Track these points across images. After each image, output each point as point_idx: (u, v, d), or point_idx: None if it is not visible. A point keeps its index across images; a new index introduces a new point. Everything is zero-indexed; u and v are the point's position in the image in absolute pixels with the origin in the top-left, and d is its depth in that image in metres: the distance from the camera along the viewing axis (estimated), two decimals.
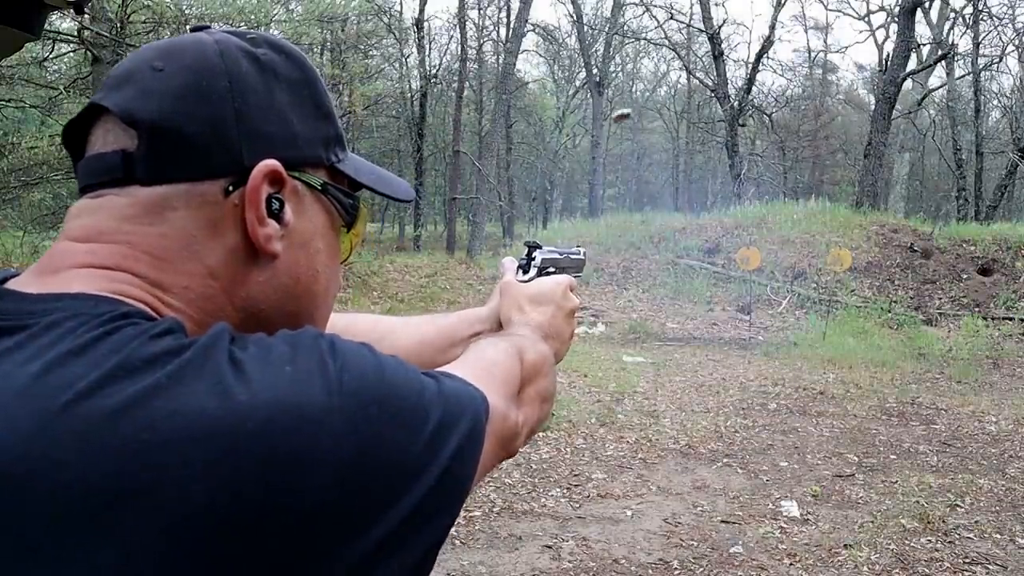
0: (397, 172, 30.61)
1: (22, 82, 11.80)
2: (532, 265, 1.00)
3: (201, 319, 0.55)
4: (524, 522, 4.48)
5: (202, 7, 10.95)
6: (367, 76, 22.71)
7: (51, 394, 0.44)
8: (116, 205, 0.56)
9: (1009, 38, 23.97)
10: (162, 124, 0.55)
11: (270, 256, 0.58)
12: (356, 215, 0.66)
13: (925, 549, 4.18)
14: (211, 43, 0.58)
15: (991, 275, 13.90)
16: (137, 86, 0.56)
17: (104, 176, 0.56)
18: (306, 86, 0.62)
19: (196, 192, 0.56)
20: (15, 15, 2.25)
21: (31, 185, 10.69)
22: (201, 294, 0.56)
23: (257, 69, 0.59)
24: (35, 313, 0.50)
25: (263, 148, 0.57)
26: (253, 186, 0.56)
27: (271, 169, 0.57)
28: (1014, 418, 7.09)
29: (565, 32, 33.67)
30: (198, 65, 0.57)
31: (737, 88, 24.62)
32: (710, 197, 36.72)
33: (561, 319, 0.92)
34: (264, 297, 0.59)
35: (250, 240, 0.57)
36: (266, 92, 0.58)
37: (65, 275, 0.54)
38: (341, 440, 0.47)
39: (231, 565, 0.44)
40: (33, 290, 0.52)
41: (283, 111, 0.59)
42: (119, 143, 0.56)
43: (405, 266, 16.12)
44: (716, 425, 6.63)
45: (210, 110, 0.56)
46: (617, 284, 14.94)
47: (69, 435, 0.43)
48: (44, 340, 0.47)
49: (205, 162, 0.56)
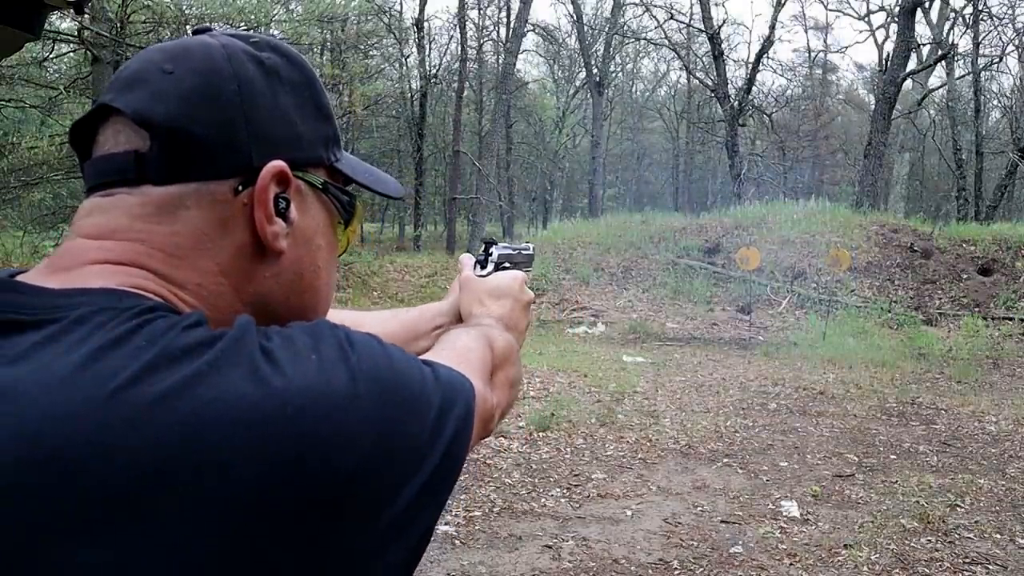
0: (397, 172, 30.71)
1: (22, 82, 11.80)
2: (489, 260, 1.01)
3: (214, 315, 0.56)
4: (524, 522, 4.48)
5: (202, 7, 10.95)
6: (367, 76, 22.70)
7: (97, 383, 0.46)
8: (129, 204, 0.57)
9: (1009, 38, 23.99)
10: (174, 126, 0.57)
11: (277, 253, 0.60)
12: (353, 212, 0.68)
13: (925, 549, 4.18)
14: (218, 47, 0.60)
15: (991, 275, 13.90)
16: (148, 88, 0.58)
17: (116, 175, 0.58)
18: (307, 88, 0.64)
19: (207, 191, 0.58)
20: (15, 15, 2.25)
21: (31, 185, 10.69)
22: (213, 291, 0.58)
23: (262, 72, 0.60)
24: (60, 307, 0.51)
25: (270, 149, 0.59)
26: (262, 186, 0.58)
27: (279, 170, 0.59)
28: (1014, 418, 7.09)
29: (565, 32, 33.73)
30: (207, 68, 0.58)
31: (737, 88, 24.62)
32: (710, 197, 36.73)
33: (519, 311, 0.96)
34: (270, 292, 0.61)
35: (257, 238, 0.59)
36: (271, 95, 0.60)
37: (81, 271, 0.55)
38: (365, 424, 0.51)
39: (269, 542, 0.47)
40: (53, 285, 0.54)
41: (287, 113, 0.61)
42: (131, 144, 0.57)
43: (405, 266, 16.12)
44: (716, 425, 6.63)
45: (220, 113, 0.58)
46: (617, 284, 14.94)
47: (118, 421, 0.45)
48: (76, 334, 0.49)
49: (215, 163, 0.58)
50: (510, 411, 0.85)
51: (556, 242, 17.01)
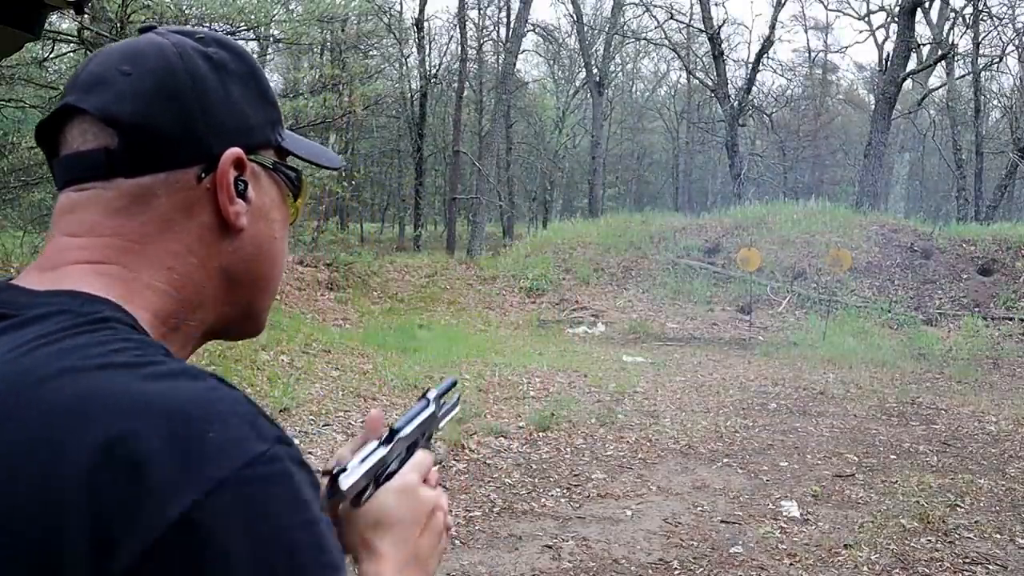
0: (397, 172, 30.64)
1: (22, 82, 11.78)
2: (362, 476, 0.70)
3: (185, 296, 0.65)
4: (524, 522, 4.48)
5: (202, 7, 10.93)
6: (367, 76, 22.64)
7: (18, 373, 0.53)
8: (104, 198, 0.63)
9: (1009, 38, 23.95)
10: (139, 123, 0.62)
11: (239, 230, 0.67)
12: (301, 186, 0.74)
13: (925, 549, 4.18)
14: (169, 46, 0.65)
15: (991, 275, 13.90)
16: (110, 89, 0.63)
17: (88, 171, 0.63)
18: (252, 78, 0.69)
19: (173, 180, 0.64)
20: (15, 15, 2.25)
21: (31, 185, 10.67)
22: (183, 272, 0.65)
23: (211, 67, 0.66)
24: (33, 306, 0.58)
25: (225, 137, 0.65)
26: (223, 171, 0.65)
27: (236, 156, 0.65)
28: (1014, 418, 7.09)
29: (565, 32, 33.65)
30: (162, 68, 0.64)
31: (737, 88, 24.62)
32: (710, 197, 36.72)
33: (418, 538, 0.71)
34: (232, 264, 0.68)
35: (219, 218, 0.66)
36: (222, 87, 0.66)
37: (63, 271, 0.62)
38: None
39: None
40: (35, 286, 0.60)
41: (238, 102, 0.67)
42: (99, 141, 0.63)
43: (405, 266, 16.11)
44: (716, 425, 6.63)
45: (179, 107, 0.63)
46: (617, 284, 14.94)
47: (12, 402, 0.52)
48: (29, 328, 0.55)
49: (179, 153, 0.64)
50: None
51: (556, 242, 17.01)
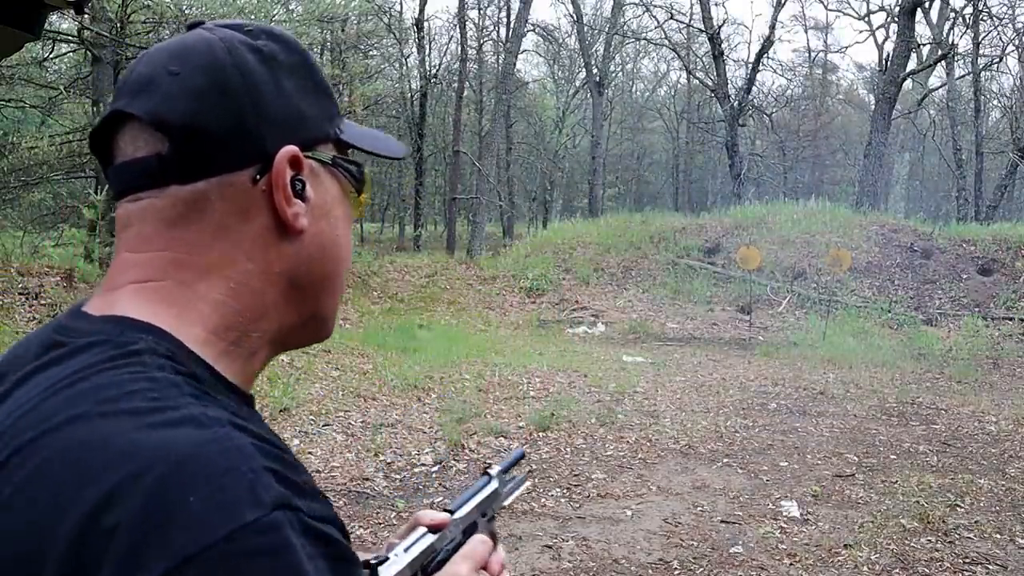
0: (397, 172, 30.61)
1: (22, 82, 11.80)
2: (406, 566, 0.69)
3: (244, 306, 0.61)
4: (524, 522, 4.48)
5: (202, 7, 10.92)
6: (367, 76, 22.65)
7: (40, 417, 0.52)
8: (158, 208, 0.60)
9: (1009, 38, 23.97)
10: (189, 125, 0.59)
11: (298, 232, 0.63)
12: (363, 180, 0.70)
13: (925, 549, 4.18)
14: (217, 41, 0.62)
15: (991, 275, 13.90)
16: (158, 91, 0.60)
17: (141, 180, 0.60)
18: (305, 68, 0.66)
19: (228, 183, 0.60)
20: (15, 15, 2.25)
21: (31, 185, 10.68)
22: (241, 281, 0.61)
23: (262, 60, 0.62)
24: (85, 333, 0.57)
25: (280, 133, 0.62)
26: (278, 171, 0.61)
27: (292, 154, 0.61)
28: (1014, 418, 7.09)
29: (565, 32, 33.67)
30: (211, 65, 0.60)
31: (737, 88, 24.62)
32: (710, 197, 36.71)
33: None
34: (295, 268, 0.64)
35: (277, 219, 0.62)
36: (274, 81, 0.62)
37: (117, 295, 0.60)
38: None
39: None
40: (96, 310, 0.59)
41: (291, 96, 0.63)
42: (150, 148, 0.60)
43: (405, 266, 16.11)
44: (716, 425, 6.63)
45: (230, 106, 0.60)
46: (617, 284, 14.94)
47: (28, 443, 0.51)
48: (70, 361, 0.55)
49: (232, 154, 0.60)
50: None
51: (556, 242, 17.01)
